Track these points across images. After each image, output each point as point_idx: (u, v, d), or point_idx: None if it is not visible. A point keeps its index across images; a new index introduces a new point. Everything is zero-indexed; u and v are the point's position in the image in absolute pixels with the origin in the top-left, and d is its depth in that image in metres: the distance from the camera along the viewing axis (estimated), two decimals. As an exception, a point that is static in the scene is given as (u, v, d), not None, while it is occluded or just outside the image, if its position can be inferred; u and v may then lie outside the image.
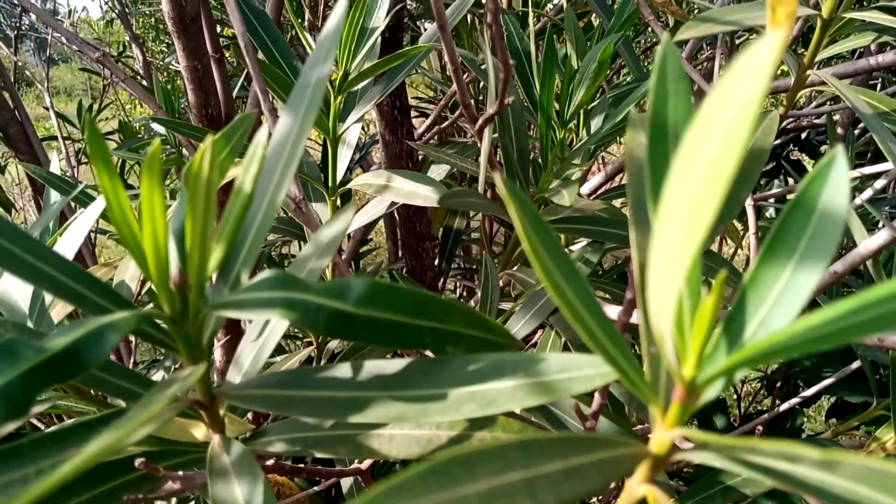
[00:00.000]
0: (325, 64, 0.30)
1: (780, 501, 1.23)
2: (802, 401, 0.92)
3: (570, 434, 0.22)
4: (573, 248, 0.64)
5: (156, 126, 1.09)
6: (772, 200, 1.48)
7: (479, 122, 0.51)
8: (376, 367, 0.29)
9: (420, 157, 1.07)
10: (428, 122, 1.12)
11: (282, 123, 0.30)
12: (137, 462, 0.33)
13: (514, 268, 0.64)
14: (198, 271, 0.26)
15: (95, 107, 1.84)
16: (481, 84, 1.30)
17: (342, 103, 0.76)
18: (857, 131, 1.39)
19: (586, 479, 0.20)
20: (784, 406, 0.88)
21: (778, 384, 1.10)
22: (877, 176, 0.81)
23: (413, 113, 1.43)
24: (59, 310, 0.52)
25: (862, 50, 1.32)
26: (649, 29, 1.64)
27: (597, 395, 0.34)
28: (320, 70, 0.30)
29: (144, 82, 1.74)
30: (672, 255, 0.20)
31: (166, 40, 3.59)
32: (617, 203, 0.93)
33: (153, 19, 3.47)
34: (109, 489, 0.32)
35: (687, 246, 0.19)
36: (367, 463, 0.66)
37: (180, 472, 0.36)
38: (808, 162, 1.64)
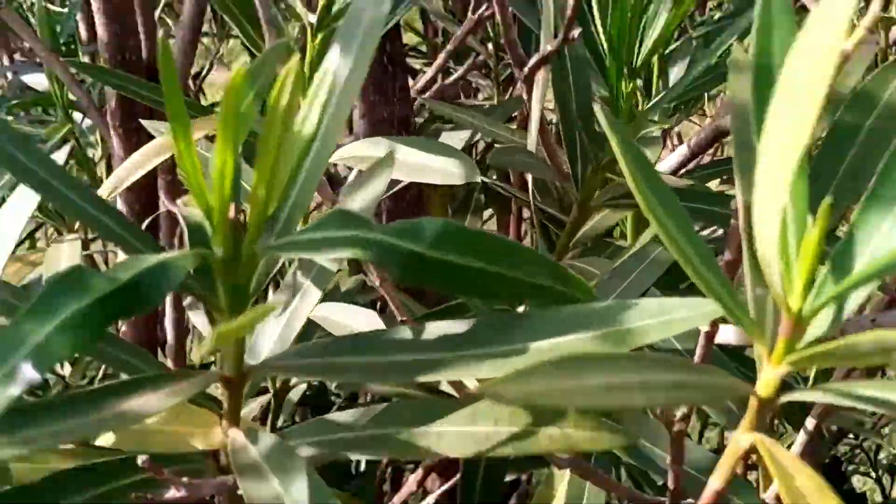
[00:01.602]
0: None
1: None
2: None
3: (680, 359, 0.35)
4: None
5: (28, 78, 1.21)
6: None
7: (530, 63, 0.65)
8: (442, 327, 0.42)
9: (417, 124, 1.20)
10: (429, 74, 1.25)
11: (334, 55, 0.43)
12: (141, 460, 0.45)
13: (570, 256, 0.77)
14: (260, 211, 0.38)
15: None
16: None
17: (322, 44, 0.88)
18: None
19: (691, 394, 0.33)
20: None
21: None
22: None
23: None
24: None
25: None
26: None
27: (700, 344, 0.46)
28: (376, 8, 0.44)
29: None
30: (774, 181, 0.33)
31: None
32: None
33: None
34: (116, 489, 0.45)
35: (787, 167, 0.32)
36: None
37: (185, 479, 0.48)
38: None
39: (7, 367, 0.32)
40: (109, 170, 1.22)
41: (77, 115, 1.20)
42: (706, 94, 1.34)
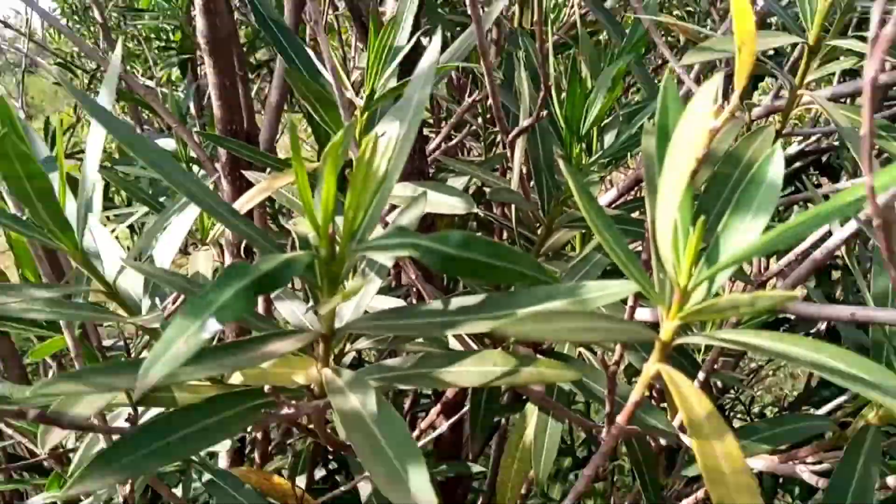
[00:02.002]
0: (425, 88, 0.50)
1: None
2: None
3: (610, 314, 0.41)
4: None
5: (163, 142, 1.28)
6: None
7: (513, 133, 0.71)
8: (461, 300, 0.48)
9: (430, 174, 1.27)
10: (437, 139, 1.32)
11: (392, 125, 0.49)
12: (266, 388, 0.51)
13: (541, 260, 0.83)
14: (350, 225, 0.45)
15: (55, 120, 2.03)
16: (488, 102, 1.52)
17: (367, 119, 0.95)
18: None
19: (620, 335, 0.39)
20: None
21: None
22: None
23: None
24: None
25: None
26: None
27: (627, 309, 0.53)
28: (422, 92, 0.50)
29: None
30: (669, 204, 0.40)
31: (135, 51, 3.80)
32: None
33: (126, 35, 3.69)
34: (251, 407, 0.50)
35: (676, 194, 0.39)
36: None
37: (293, 402, 0.54)
38: (827, 184, 1.87)
39: (200, 322, 0.38)
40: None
41: (195, 167, 1.27)
42: (629, 154, 1.39)
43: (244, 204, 0.76)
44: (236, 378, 0.59)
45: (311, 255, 0.45)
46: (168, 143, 1.26)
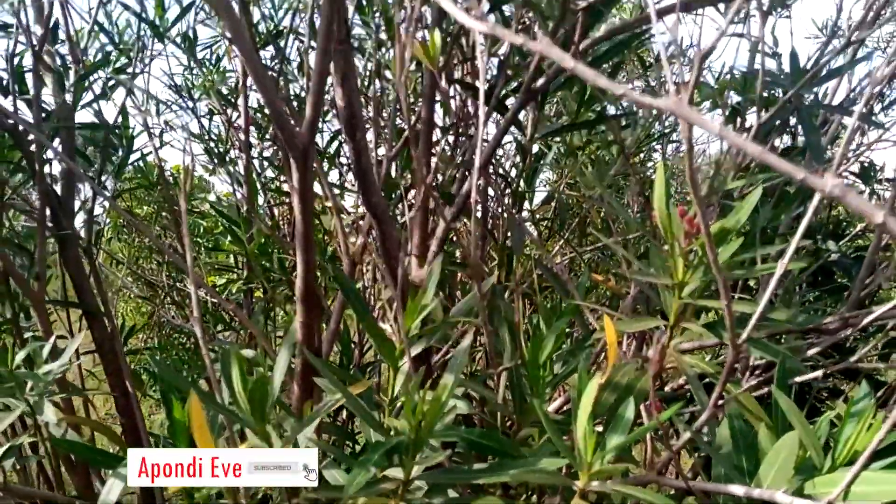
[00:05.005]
0: (463, 360, 0.90)
1: None
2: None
3: (556, 472, 0.78)
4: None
5: (246, 352, 1.65)
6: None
7: (499, 369, 1.11)
8: (478, 466, 0.85)
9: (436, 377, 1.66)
10: (439, 355, 1.72)
11: (449, 375, 0.89)
12: (369, 511, 0.87)
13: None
14: (429, 425, 0.82)
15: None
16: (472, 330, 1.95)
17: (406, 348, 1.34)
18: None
19: (554, 481, 0.76)
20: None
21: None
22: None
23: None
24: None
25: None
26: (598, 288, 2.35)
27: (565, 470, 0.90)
28: (462, 361, 0.90)
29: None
30: (581, 419, 0.79)
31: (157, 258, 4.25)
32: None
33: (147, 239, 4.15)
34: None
35: (584, 417, 0.78)
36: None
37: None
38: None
39: (367, 468, 0.74)
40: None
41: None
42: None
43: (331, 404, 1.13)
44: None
45: (408, 439, 0.82)
46: (248, 353, 1.63)
